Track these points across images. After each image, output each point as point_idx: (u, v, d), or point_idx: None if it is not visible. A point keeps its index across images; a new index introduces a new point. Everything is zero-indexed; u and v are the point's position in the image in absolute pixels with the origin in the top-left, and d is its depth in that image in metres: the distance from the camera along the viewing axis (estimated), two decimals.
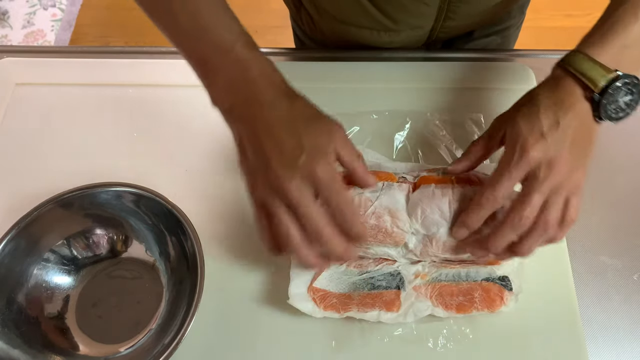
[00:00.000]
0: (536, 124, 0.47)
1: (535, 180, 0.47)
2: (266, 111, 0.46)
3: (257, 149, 0.46)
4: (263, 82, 0.48)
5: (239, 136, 0.48)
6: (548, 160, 0.47)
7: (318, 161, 0.45)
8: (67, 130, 0.69)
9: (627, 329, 0.57)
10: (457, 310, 0.54)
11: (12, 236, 0.55)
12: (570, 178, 0.48)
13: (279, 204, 0.45)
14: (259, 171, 0.46)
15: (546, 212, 0.47)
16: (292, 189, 0.44)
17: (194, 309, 0.51)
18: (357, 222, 0.47)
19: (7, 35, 2.02)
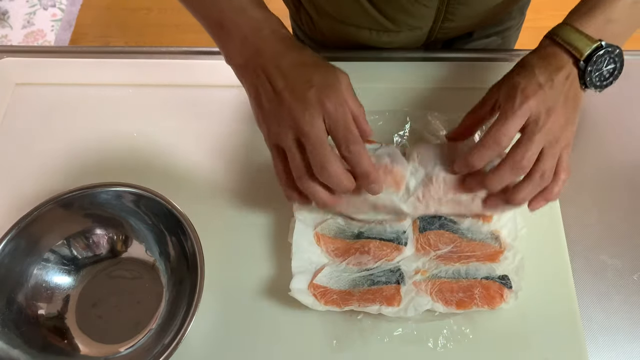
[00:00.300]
0: (532, 78, 0.50)
1: (535, 125, 0.49)
2: (277, 60, 0.51)
3: (270, 93, 0.50)
4: (274, 37, 0.52)
5: (254, 88, 0.52)
6: (547, 109, 0.49)
7: (327, 94, 0.49)
8: (67, 130, 0.69)
9: (627, 329, 0.57)
10: (457, 306, 0.54)
11: (12, 236, 0.55)
12: (565, 132, 0.51)
13: (292, 137, 0.49)
14: (273, 113, 0.50)
15: (543, 161, 0.50)
16: (304, 123, 0.48)
17: (194, 309, 0.51)
18: (366, 158, 0.50)
19: (7, 35, 2.02)
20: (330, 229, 0.59)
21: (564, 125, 0.50)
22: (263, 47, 0.51)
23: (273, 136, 0.51)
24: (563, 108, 0.50)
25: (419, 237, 0.58)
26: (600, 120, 0.70)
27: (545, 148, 0.50)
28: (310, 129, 0.48)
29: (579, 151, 0.68)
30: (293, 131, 0.49)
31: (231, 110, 0.70)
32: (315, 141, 0.49)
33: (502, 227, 0.59)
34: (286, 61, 0.51)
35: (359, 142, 0.50)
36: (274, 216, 0.62)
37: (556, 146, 0.50)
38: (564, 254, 0.60)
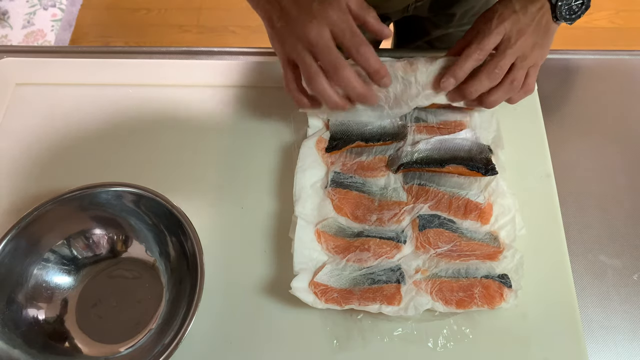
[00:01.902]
0: (509, 5, 0.58)
1: (508, 42, 0.58)
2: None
3: (279, 12, 0.55)
4: None
5: (267, 12, 0.57)
6: (518, 30, 0.58)
7: (330, 3, 0.53)
8: (67, 130, 0.69)
9: (627, 329, 0.57)
10: (457, 306, 0.54)
11: (12, 236, 0.55)
12: (533, 51, 0.59)
13: (302, 49, 0.54)
14: (284, 30, 0.55)
15: (514, 72, 0.59)
16: (311, 31, 0.53)
17: (194, 309, 0.51)
18: (374, 57, 0.55)
19: (7, 35, 2.02)
20: (330, 227, 0.59)
21: (532, 46, 0.59)
22: None
23: (286, 51, 0.56)
24: (534, 32, 0.58)
25: (419, 236, 0.58)
26: (600, 120, 0.70)
27: (516, 62, 0.59)
28: (319, 38, 0.53)
29: (579, 151, 0.68)
30: (302, 43, 0.54)
31: (231, 110, 0.70)
32: (324, 49, 0.53)
33: (500, 228, 0.59)
34: None
35: (366, 43, 0.54)
36: (274, 216, 0.62)
37: (525, 62, 0.59)
38: (564, 254, 0.60)
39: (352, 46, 0.54)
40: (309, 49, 0.54)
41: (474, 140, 0.63)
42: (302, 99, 0.59)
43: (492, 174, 0.60)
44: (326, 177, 0.62)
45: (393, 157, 0.63)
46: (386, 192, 0.61)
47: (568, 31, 1.94)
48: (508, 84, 0.60)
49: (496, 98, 0.61)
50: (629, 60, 0.75)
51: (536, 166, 0.65)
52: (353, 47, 0.54)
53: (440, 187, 0.61)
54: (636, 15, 1.98)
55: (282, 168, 0.65)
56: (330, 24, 0.53)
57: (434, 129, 0.64)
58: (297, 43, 0.54)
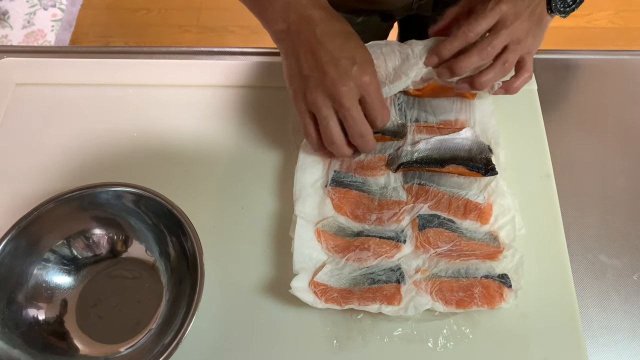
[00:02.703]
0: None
1: (503, 23, 0.57)
2: (320, 28, 0.55)
3: (313, 63, 0.55)
4: (314, 4, 0.56)
5: (294, 55, 0.56)
6: (514, 13, 0.57)
7: (367, 71, 0.55)
8: (67, 130, 0.69)
9: (627, 329, 0.57)
10: (457, 306, 0.54)
11: (12, 236, 0.55)
12: (528, 38, 0.59)
13: (329, 105, 0.55)
14: (314, 80, 0.55)
15: (507, 53, 0.58)
16: (344, 94, 0.54)
17: (194, 309, 0.51)
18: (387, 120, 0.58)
19: (7, 35, 2.02)
20: (330, 227, 0.59)
21: (527, 31, 0.58)
22: (305, 14, 0.55)
23: (310, 100, 0.56)
24: (529, 18, 0.58)
25: (419, 235, 0.58)
26: (600, 120, 0.70)
27: (509, 44, 0.58)
28: (352, 104, 0.55)
29: (579, 151, 0.68)
30: (332, 102, 0.55)
31: (231, 110, 0.70)
32: (357, 116, 0.56)
33: (500, 228, 0.59)
34: (328, 31, 0.55)
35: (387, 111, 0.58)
36: (274, 216, 0.62)
37: (519, 46, 0.58)
38: (564, 254, 0.60)
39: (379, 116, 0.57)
40: (336, 109, 0.55)
41: (474, 140, 0.63)
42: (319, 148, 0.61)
43: (492, 174, 0.60)
44: (326, 176, 0.62)
45: (393, 157, 0.63)
46: (386, 192, 0.61)
47: (568, 31, 1.95)
48: (500, 64, 0.59)
49: (487, 79, 0.60)
50: (629, 60, 0.75)
51: (536, 166, 0.65)
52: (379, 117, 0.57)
53: (440, 187, 0.61)
54: (636, 15, 1.98)
55: (282, 168, 0.65)
56: (362, 88, 0.55)
57: (434, 129, 0.64)
58: (325, 98, 0.55)
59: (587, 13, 1.96)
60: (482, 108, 0.65)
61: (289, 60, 0.57)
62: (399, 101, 0.66)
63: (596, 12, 1.97)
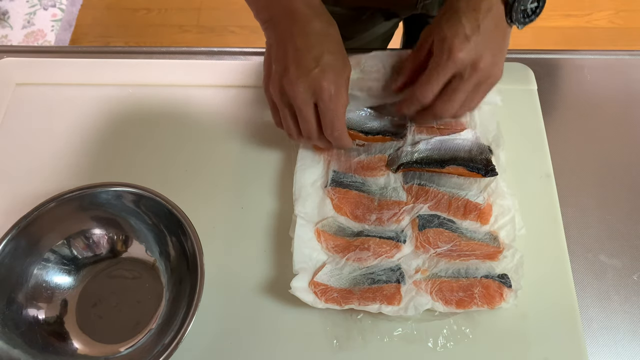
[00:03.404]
0: (459, 28, 0.53)
1: (460, 79, 0.54)
2: (297, 27, 0.54)
3: (280, 55, 0.54)
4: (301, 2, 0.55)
5: (269, 42, 0.57)
6: (472, 61, 0.53)
7: (327, 77, 0.53)
8: (67, 130, 0.69)
9: (627, 329, 0.57)
10: (457, 306, 0.54)
11: (12, 236, 0.55)
12: (490, 75, 0.55)
13: (286, 103, 0.55)
14: (277, 74, 0.55)
15: (467, 104, 0.57)
16: (298, 93, 0.53)
17: (194, 309, 0.51)
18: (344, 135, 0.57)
19: (7, 35, 2.02)
20: (330, 227, 0.59)
21: (488, 70, 0.54)
22: (289, 7, 0.54)
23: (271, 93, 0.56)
24: (490, 52, 0.53)
25: (419, 235, 0.58)
26: (600, 120, 0.70)
27: (470, 93, 0.55)
28: (303, 105, 0.54)
29: (579, 151, 0.68)
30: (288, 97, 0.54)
31: (231, 110, 0.70)
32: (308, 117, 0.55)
33: (500, 228, 0.59)
34: (305, 29, 0.54)
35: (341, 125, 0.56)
36: (274, 216, 0.62)
37: (480, 88, 0.56)
38: (564, 254, 0.60)
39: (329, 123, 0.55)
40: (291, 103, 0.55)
41: (474, 140, 0.63)
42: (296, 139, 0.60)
43: (492, 175, 0.60)
44: (326, 176, 0.62)
45: (393, 157, 0.63)
46: (386, 192, 0.61)
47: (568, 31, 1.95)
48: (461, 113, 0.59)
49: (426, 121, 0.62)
50: (629, 60, 0.75)
51: (536, 166, 0.65)
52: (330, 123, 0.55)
53: (440, 188, 0.61)
54: (636, 15, 1.98)
55: (282, 168, 0.65)
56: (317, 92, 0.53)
57: (434, 129, 0.64)
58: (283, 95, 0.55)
59: (587, 13, 1.96)
60: (482, 109, 0.65)
61: (267, 49, 0.58)
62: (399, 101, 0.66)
63: (596, 12, 1.97)
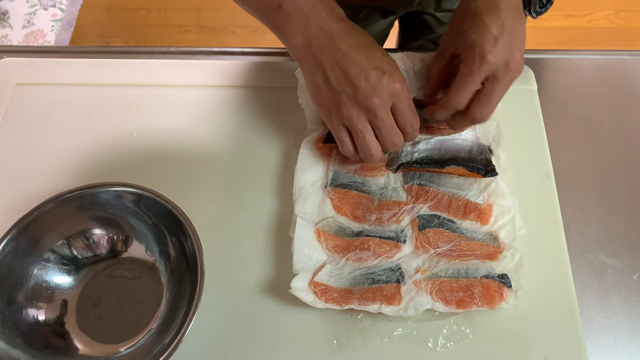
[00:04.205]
0: (486, 31, 0.53)
1: (495, 81, 0.54)
2: (344, 41, 0.54)
3: (342, 77, 0.53)
4: (333, 17, 0.54)
5: (320, 70, 0.54)
6: (504, 62, 0.53)
7: (397, 79, 0.53)
8: (67, 130, 0.69)
9: (627, 329, 0.57)
10: (457, 306, 0.54)
11: (12, 236, 0.55)
12: (519, 70, 0.55)
13: (364, 119, 0.54)
14: (345, 94, 0.54)
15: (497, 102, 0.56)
16: (379, 106, 0.53)
17: (194, 309, 0.51)
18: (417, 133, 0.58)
19: (7, 35, 2.02)
20: (330, 227, 0.59)
21: (520, 63, 0.55)
22: (326, 27, 0.54)
23: (344, 115, 0.54)
24: (518, 49, 0.54)
25: (419, 235, 0.58)
26: (600, 120, 0.70)
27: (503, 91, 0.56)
28: (386, 115, 0.54)
29: (579, 151, 0.68)
30: (366, 114, 0.54)
31: (231, 110, 0.70)
32: (390, 125, 0.55)
33: (500, 228, 0.59)
34: (353, 44, 0.54)
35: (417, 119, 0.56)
36: (274, 216, 0.62)
37: (510, 83, 0.55)
38: (564, 254, 0.60)
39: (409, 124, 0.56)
40: (370, 121, 0.54)
41: (474, 140, 0.63)
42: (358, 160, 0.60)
43: (492, 175, 0.60)
44: (326, 176, 0.62)
45: (393, 157, 0.63)
46: (386, 192, 0.61)
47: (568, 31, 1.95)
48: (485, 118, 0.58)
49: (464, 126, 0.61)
50: (629, 60, 0.75)
51: (536, 166, 0.65)
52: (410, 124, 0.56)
53: (440, 188, 0.61)
54: (636, 15, 1.98)
55: (282, 168, 0.65)
56: (394, 96, 0.53)
57: (434, 129, 0.64)
58: (359, 111, 0.54)
59: (587, 13, 1.96)
60: None
61: (315, 76, 0.55)
62: None
63: (596, 12, 1.97)
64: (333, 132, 0.57)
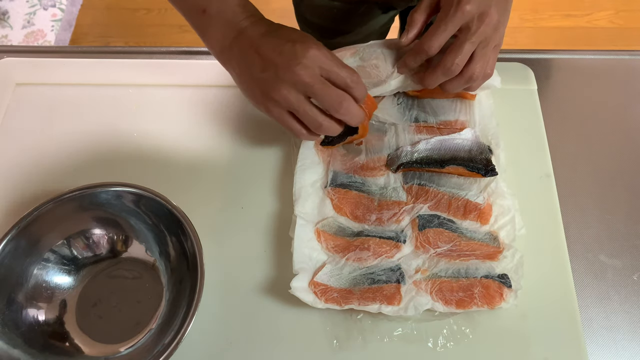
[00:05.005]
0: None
1: (468, 31, 0.54)
2: (262, 36, 0.54)
3: (260, 62, 0.53)
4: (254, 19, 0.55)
5: (243, 64, 0.55)
6: (479, 14, 0.53)
7: (310, 44, 0.52)
8: (67, 130, 0.69)
9: (627, 329, 0.57)
10: (457, 306, 0.54)
11: (12, 236, 0.55)
12: (496, 33, 0.55)
13: (296, 92, 0.53)
14: (269, 77, 0.53)
15: (473, 64, 0.56)
16: (301, 72, 0.52)
17: (194, 309, 0.51)
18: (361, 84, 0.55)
19: (7, 35, 2.02)
20: (330, 227, 0.59)
21: (495, 26, 0.55)
22: (246, 28, 0.55)
23: (280, 99, 0.54)
24: (495, 10, 0.54)
25: (419, 235, 0.58)
26: (600, 120, 0.70)
27: (477, 51, 0.56)
28: (313, 80, 0.52)
29: (579, 151, 0.68)
30: (296, 88, 0.53)
31: (231, 110, 0.70)
32: (321, 87, 0.53)
33: (500, 228, 0.59)
34: (263, 31, 0.54)
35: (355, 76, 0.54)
36: (274, 216, 0.62)
37: (486, 48, 0.56)
38: (564, 254, 0.60)
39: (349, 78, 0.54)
40: (304, 92, 0.53)
41: (474, 140, 0.63)
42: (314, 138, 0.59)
43: (492, 175, 0.60)
44: (326, 176, 0.62)
45: (392, 157, 0.63)
46: (386, 192, 0.61)
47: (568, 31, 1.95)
48: (467, 77, 0.57)
49: (453, 87, 0.59)
50: (629, 60, 0.75)
51: (536, 166, 0.65)
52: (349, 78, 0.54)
53: (440, 188, 0.61)
54: (636, 15, 1.98)
55: (282, 168, 0.65)
56: (317, 63, 0.52)
57: (434, 129, 0.64)
58: (290, 90, 0.53)
59: (587, 13, 1.96)
60: (482, 109, 0.65)
61: (239, 71, 0.56)
62: (398, 101, 0.66)
63: (596, 12, 1.97)
64: (280, 123, 0.56)
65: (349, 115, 0.55)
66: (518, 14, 1.85)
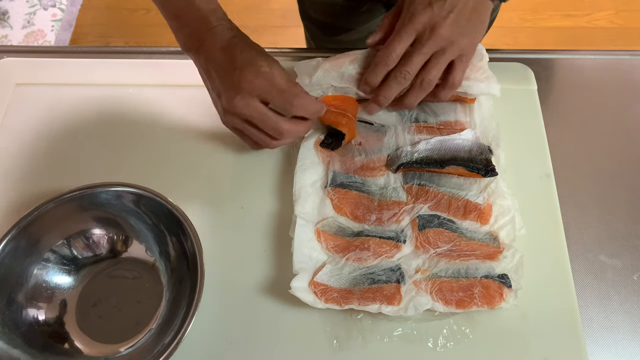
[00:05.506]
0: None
1: (418, 42, 0.56)
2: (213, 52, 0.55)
3: (211, 85, 0.57)
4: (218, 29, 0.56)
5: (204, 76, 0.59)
6: (432, 26, 0.54)
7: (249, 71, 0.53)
8: (67, 130, 0.69)
9: (627, 329, 0.57)
10: (457, 306, 0.54)
11: (12, 236, 0.55)
12: (454, 43, 0.56)
13: (241, 122, 0.56)
14: (218, 101, 0.57)
15: (425, 71, 0.57)
16: (241, 106, 0.54)
17: (194, 309, 0.51)
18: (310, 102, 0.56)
19: (7, 35, 2.02)
20: (330, 227, 0.59)
21: (450, 37, 0.55)
22: (206, 40, 0.56)
23: (228, 123, 0.58)
24: (452, 22, 0.54)
25: (419, 235, 0.58)
26: (600, 120, 0.70)
27: (432, 59, 0.56)
28: (247, 110, 0.54)
29: (579, 151, 0.68)
30: (238, 118, 0.56)
31: None
32: (260, 119, 0.55)
33: (500, 228, 0.59)
34: (223, 52, 0.55)
35: (295, 94, 0.54)
36: (274, 216, 0.62)
37: (442, 57, 0.56)
38: (564, 254, 0.60)
39: (286, 103, 0.54)
40: (247, 121, 0.56)
41: (474, 140, 0.63)
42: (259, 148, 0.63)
43: (492, 175, 0.60)
44: (326, 176, 0.62)
45: (392, 157, 0.63)
46: (386, 192, 0.61)
47: (568, 31, 1.95)
48: (418, 85, 0.58)
49: (410, 100, 0.61)
50: (629, 60, 0.75)
51: (536, 166, 0.65)
52: (287, 104, 0.54)
53: (440, 188, 0.61)
54: (636, 15, 1.98)
55: (282, 168, 0.65)
56: (254, 91, 0.53)
57: (434, 129, 0.64)
58: (231, 116, 0.56)
59: (587, 13, 1.96)
60: (482, 109, 0.65)
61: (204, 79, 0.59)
62: None
63: (596, 12, 1.97)
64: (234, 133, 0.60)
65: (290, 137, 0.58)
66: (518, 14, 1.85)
